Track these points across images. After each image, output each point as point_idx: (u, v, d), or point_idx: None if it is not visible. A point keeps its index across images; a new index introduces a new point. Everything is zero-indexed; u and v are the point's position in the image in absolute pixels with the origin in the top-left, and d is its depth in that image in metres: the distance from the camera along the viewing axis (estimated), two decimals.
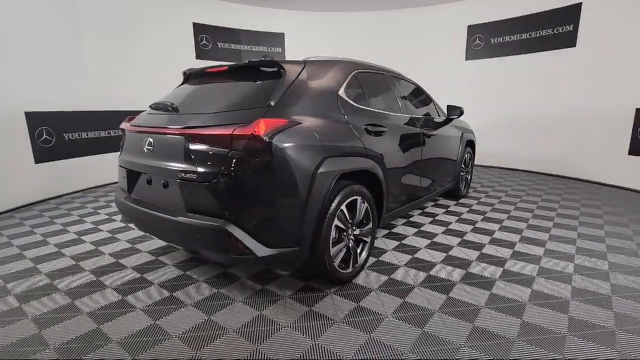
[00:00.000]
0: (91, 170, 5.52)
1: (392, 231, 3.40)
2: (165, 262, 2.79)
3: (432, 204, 4.36)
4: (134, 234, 3.44)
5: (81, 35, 5.25)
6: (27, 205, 4.55)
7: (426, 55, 7.31)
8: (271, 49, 7.69)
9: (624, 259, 2.77)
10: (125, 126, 2.55)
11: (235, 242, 1.85)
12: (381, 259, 2.80)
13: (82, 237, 3.37)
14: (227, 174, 1.84)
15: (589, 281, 2.43)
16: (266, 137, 1.83)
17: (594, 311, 2.07)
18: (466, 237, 3.23)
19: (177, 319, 2.03)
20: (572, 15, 5.49)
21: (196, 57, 6.92)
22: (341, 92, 2.43)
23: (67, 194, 5.13)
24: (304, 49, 7.71)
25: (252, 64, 2.26)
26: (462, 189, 4.54)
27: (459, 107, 3.65)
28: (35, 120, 4.68)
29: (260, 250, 1.89)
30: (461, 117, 3.87)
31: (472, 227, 3.52)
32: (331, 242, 2.18)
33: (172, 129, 2.05)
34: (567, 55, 5.62)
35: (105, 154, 5.71)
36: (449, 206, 4.27)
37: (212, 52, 7.09)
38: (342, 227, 2.27)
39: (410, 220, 3.74)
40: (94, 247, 3.12)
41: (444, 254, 2.87)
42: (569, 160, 5.84)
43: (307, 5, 7.39)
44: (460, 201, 4.48)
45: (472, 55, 6.86)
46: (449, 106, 3.75)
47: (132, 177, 2.41)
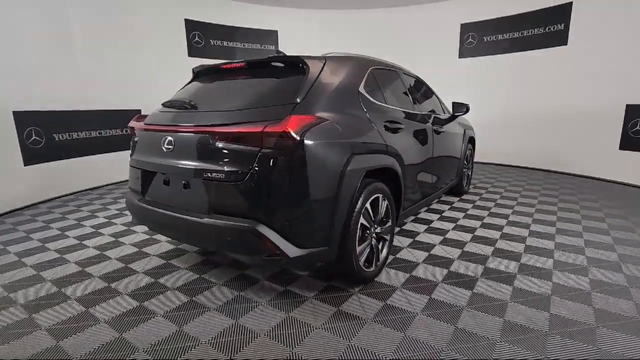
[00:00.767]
0: (83, 172, 5.31)
1: (404, 228, 3.41)
2: (178, 266, 2.70)
3: (436, 200, 4.39)
4: (139, 237, 3.32)
5: (71, 32, 5.03)
6: (17, 209, 4.33)
7: (419, 53, 7.36)
8: (264, 47, 7.59)
9: (632, 251, 2.86)
10: (136, 125, 2.44)
11: (266, 242, 1.80)
12: (398, 256, 2.80)
13: (83, 242, 3.23)
14: (257, 173, 1.78)
15: (602, 273, 2.48)
16: (298, 134, 1.78)
17: (616, 302, 2.12)
18: (477, 233, 3.27)
19: (202, 324, 1.96)
20: (563, 14, 5.64)
21: (189, 55, 6.75)
22: (361, 88, 2.40)
23: (59, 197, 4.91)
24: (297, 47, 7.65)
25: (273, 60, 2.20)
26: (464, 186, 4.59)
27: (465, 104, 3.68)
28: (24, 120, 4.46)
29: (291, 250, 1.84)
30: (467, 114, 3.90)
31: (480, 222, 3.56)
32: (357, 240, 2.15)
33: (195, 127, 1.97)
34: (559, 53, 5.77)
35: (98, 155, 5.51)
36: (452, 202, 4.31)
37: (204, 49, 6.93)
38: (367, 225, 2.25)
39: (418, 217, 3.75)
40: (99, 252, 2.99)
41: (459, 250, 2.89)
42: (561, 155, 6.00)
43: (300, 2, 7.32)
44: (462, 197, 4.54)
45: (465, 53, 6.95)
46: (454, 103, 3.78)
47: (147, 177, 2.31)
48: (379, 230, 2.42)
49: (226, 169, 1.84)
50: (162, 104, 2.45)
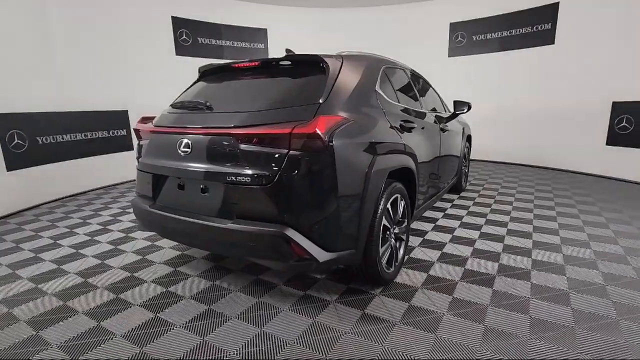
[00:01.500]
0: (69, 177, 5.06)
1: (412, 227, 3.41)
2: (187, 273, 2.59)
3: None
4: (140, 244, 3.18)
5: (54, 31, 4.78)
6: (0, 218, 4.07)
7: (409, 51, 7.39)
8: (254, 45, 7.46)
9: (634, 243, 2.96)
10: (142, 127, 2.32)
11: (295, 247, 1.74)
12: (412, 256, 2.79)
13: (80, 251, 3.06)
14: (285, 175, 1.72)
15: (612, 266, 2.55)
16: (326, 135, 1.73)
17: (632, 295, 2.17)
18: (484, 230, 3.30)
19: (226, 334, 1.89)
20: (550, 14, 5.81)
21: (176, 54, 6.55)
22: (377, 87, 2.37)
23: (44, 204, 4.66)
24: (288, 45, 7.54)
25: (290, 59, 2.14)
26: (462, 183, 4.65)
27: (467, 102, 3.71)
28: (4, 122, 4.20)
29: (321, 255, 1.79)
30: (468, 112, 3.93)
31: (484, 219, 3.61)
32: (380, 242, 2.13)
33: (216, 128, 1.89)
34: (547, 52, 5.93)
35: (84, 159, 5.26)
36: (453, 200, 4.36)
37: (192, 48, 6.74)
38: (388, 226, 2.23)
39: (423, 215, 3.77)
40: (99, 261, 2.84)
41: (470, 247, 2.91)
42: (550, 152, 6.17)
43: (290, 0, 7.23)
44: (462, 195, 4.59)
45: (454, 52, 7.05)
46: (455, 101, 3.80)
47: (158, 182, 2.20)
48: (397, 230, 2.41)
49: (252, 172, 1.77)
50: (172, 105, 2.34)
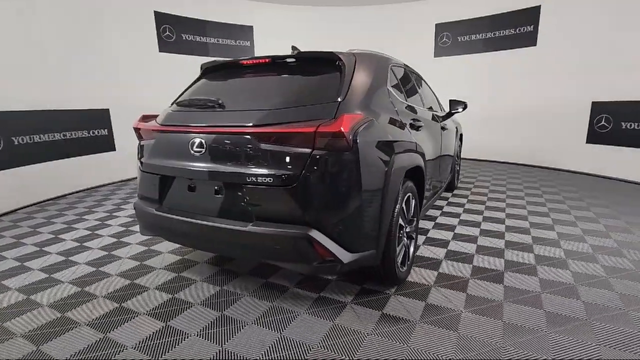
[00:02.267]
0: (48, 179, 4.77)
1: None
2: (192, 278, 2.49)
3: None
4: (135, 249, 3.03)
5: (29, 25, 4.49)
6: None
7: (396, 51, 7.45)
8: (239, 43, 7.31)
9: (626, 237, 3.09)
10: (144, 126, 2.20)
11: (319, 249, 1.70)
12: (418, 254, 2.80)
13: (70, 258, 2.88)
14: (309, 175, 1.67)
15: (610, 259, 2.65)
16: (351, 133, 1.69)
17: (635, 286, 2.26)
18: (483, 227, 3.36)
19: (246, 340, 1.81)
20: (532, 16, 6.01)
21: (159, 50, 6.31)
22: (388, 86, 2.35)
23: (21, 209, 4.37)
24: (275, 43, 7.44)
25: (304, 55, 2.08)
26: (455, 181, 4.73)
27: (463, 102, 3.76)
28: None
29: (345, 256, 1.75)
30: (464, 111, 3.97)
31: (482, 216, 3.68)
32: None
33: (234, 127, 1.80)
34: (529, 53, 6.13)
35: (63, 160, 4.98)
36: (447, 197, 4.43)
37: (176, 44, 6.52)
38: (402, 224, 2.22)
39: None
40: (94, 269, 2.68)
41: (474, 245, 2.96)
42: (534, 150, 6.38)
43: None
44: (455, 192, 4.67)
45: (440, 52, 7.18)
46: (451, 100, 3.84)
47: (165, 184, 2.09)
48: (408, 229, 2.40)
49: (274, 172, 1.70)
50: (177, 103, 2.23)
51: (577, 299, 2.12)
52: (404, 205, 2.20)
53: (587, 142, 5.55)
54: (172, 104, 2.32)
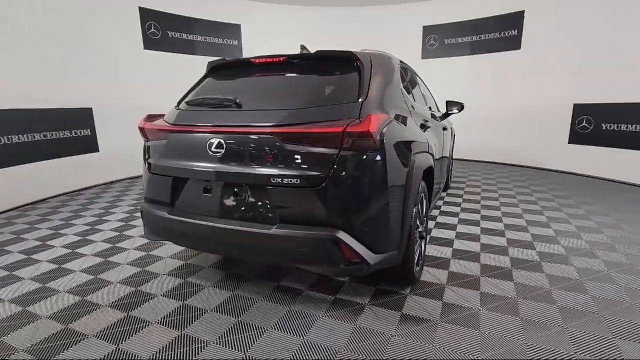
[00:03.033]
0: (27, 182, 4.51)
1: None
2: (201, 284, 2.40)
3: None
4: (133, 255, 2.90)
5: (6, 19, 4.22)
6: None
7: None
8: (227, 41, 7.17)
9: (617, 232, 3.23)
10: (152, 126, 2.10)
11: (347, 251, 1.67)
12: (426, 253, 2.81)
13: (63, 266, 2.72)
14: (337, 176, 1.64)
15: (608, 254, 2.76)
16: (378, 133, 1.67)
17: (636, 280, 2.36)
18: (483, 225, 3.43)
19: (269, 346, 1.76)
20: (516, 21, 6.21)
21: (144, 48, 6.10)
22: (401, 86, 2.35)
23: (0, 213, 4.10)
24: (263, 42, 7.36)
25: (320, 55, 2.05)
26: (448, 181, 4.81)
27: (460, 102, 3.82)
28: None
29: (371, 257, 1.73)
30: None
31: (480, 215, 3.76)
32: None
33: (257, 127, 1.75)
34: (513, 56, 6.33)
35: (44, 162, 4.72)
36: (443, 197, 4.50)
37: (162, 42, 6.32)
38: (418, 224, 2.22)
39: None
40: (92, 276, 2.54)
41: (478, 243, 3.01)
42: (519, 150, 6.58)
43: None
44: (449, 192, 4.75)
45: (427, 54, 7.30)
46: (448, 101, 3.90)
47: (178, 186, 2.00)
48: (420, 229, 2.41)
49: (300, 172, 1.66)
50: (187, 102, 2.14)
51: (585, 294, 2.19)
52: (419, 205, 2.21)
53: (569, 143, 5.79)
54: (181, 103, 2.23)
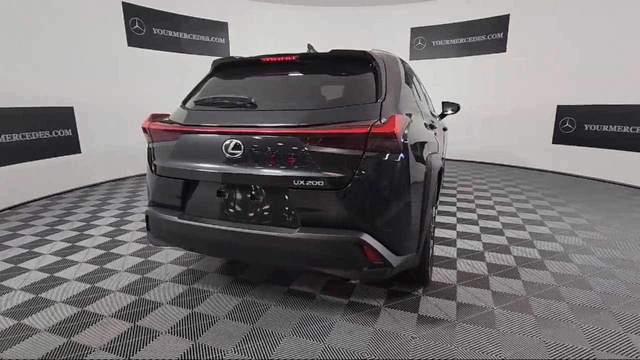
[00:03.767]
0: (5, 186, 4.24)
1: None
2: (207, 290, 2.31)
3: None
4: (129, 261, 2.76)
5: None
6: None
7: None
8: (214, 39, 7.01)
9: (608, 229, 3.36)
10: (159, 126, 2.00)
11: (371, 254, 1.64)
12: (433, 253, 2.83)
13: (55, 275, 2.57)
14: (361, 177, 1.61)
15: (605, 251, 2.86)
16: (401, 134, 1.65)
17: (636, 275, 2.45)
18: (482, 224, 3.49)
19: (291, 353, 1.71)
20: (502, 24, 6.38)
21: (128, 45, 5.87)
22: (410, 86, 2.35)
23: None
24: (251, 41, 7.24)
25: (335, 54, 2.01)
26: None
27: (456, 104, 3.87)
28: None
29: (394, 259, 1.71)
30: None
31: (476, 214, 3.82)
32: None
33: (278, 128, 1.69)
34: (499, 59, 6.50)
35: (22, 164, 4.45)
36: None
37: (147, 39, 6.11)
38: (431, 225, 2.22)
39: None
40: (89, 285, 2.41)
41: (480, 242, 3.05)
42: (505, 150, 6.76)
43: None
44: (442, 192, 4.81)
45: (415, 55, 7.39)
46: (444, 102, 3.95)
47: (188, 189, 1.91)
48: (430, 229, 2.41)
49: (324, 174, 1.62)
50: (195, 101, 2.05)
51: (591, 290, 2.25)
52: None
53: (552, 143, 5.99)
54: (188, 102, 2.14)
